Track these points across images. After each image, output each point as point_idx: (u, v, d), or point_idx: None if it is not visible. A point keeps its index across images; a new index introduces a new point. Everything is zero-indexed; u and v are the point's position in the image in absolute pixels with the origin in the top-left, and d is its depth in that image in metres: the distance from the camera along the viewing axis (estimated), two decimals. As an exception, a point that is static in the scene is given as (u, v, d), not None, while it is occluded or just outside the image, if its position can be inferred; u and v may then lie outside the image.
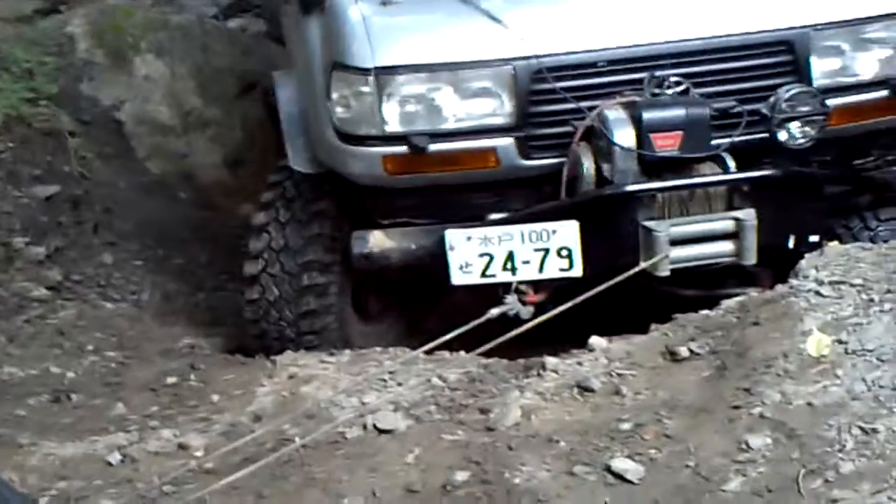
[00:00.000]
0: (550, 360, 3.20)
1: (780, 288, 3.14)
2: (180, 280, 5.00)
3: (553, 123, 3.53)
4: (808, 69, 3.54)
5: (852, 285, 2.97)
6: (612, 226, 3.45)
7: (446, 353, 3.54)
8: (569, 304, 3.21)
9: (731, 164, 3.47)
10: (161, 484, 2.95)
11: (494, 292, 3.48)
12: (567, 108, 3.50)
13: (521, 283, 3.46)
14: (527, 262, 3.43)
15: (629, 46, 3.51)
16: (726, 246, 3.44)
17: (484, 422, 2.99)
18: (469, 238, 3.43)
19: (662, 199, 3.45)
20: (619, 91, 3.49)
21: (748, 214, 3.40)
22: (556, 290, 3.46)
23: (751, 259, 3.42)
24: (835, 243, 3.48)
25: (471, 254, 3.43)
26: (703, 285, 3.75)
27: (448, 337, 3.12)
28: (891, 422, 2.52)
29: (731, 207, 3.46)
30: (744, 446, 2.62)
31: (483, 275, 3.45)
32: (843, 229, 3.76)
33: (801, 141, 3.47)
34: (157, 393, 3.63)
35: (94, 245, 4.91)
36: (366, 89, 3.49)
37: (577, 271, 3.42)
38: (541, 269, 3.43)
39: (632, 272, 3.34)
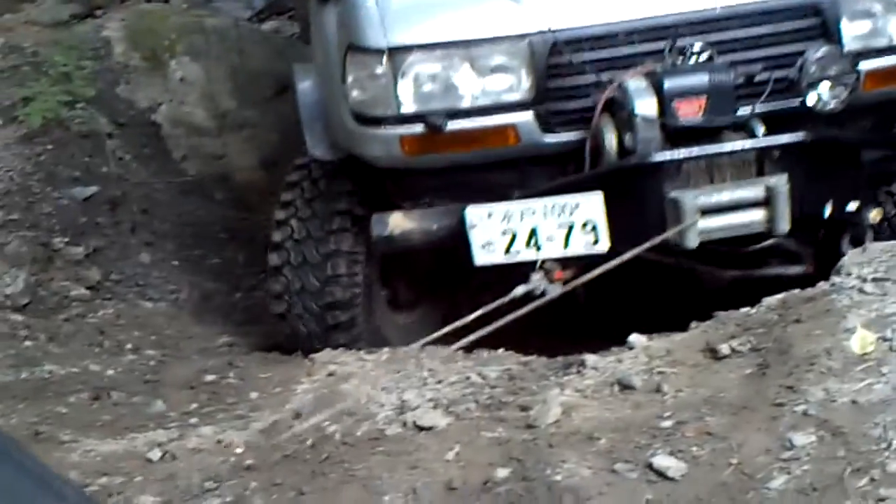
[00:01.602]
0: (590, 358, 3.18)
1: (822, 285, 3.10)
2: (217, 279, 5.03)
3: (573, 97, 3.47)
4: (838, 33, 3.45)
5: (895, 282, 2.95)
6: (637, 198, 3.38)
7: (485, 352, 3.54)
8: (595, 273, 3.17)
9: (761, 130, 3.38)
10: (201, 480, 2.96)
11: (526, 274, 3.42)
12: (587, 82, 3.44)
13: (546, 261, 3.38)
14: (551, 239, 3.36)
15: (649, 17, 3.44)
16: (757, 214, 3.35)
17: (524, 419, 2.97)
18: (490, 215, 3.36)
19: (689, 168, 3.36)
20: (641, 62, 3.41)
21: (779, 180, 3.30)
22: (584, 266, 3.39)
23: (783, 227, 3.34)
24: (877, 211, 3.42)
25: (493, 231, 3.37)
26: (743, 265, 3.70)
27: (472, 317, 3.11)
28: (938, 419, 2.49)
29: (761, 176, 3.36)
30: (787, 444, 2.59)
31: (507, 253, 3.38)
32: (885, 196, 3.70)
33: (833, 104, 3.36)
34: (196, 390, 3.65)
35: (132, 245, 4.96)
36: (380, 70, 3.46)
37: (604, 246, 3.36)
38: (566, 245, 3.36)
39: (658, 239, 3.27)
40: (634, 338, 3.26)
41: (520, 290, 3.27)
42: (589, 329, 3.79)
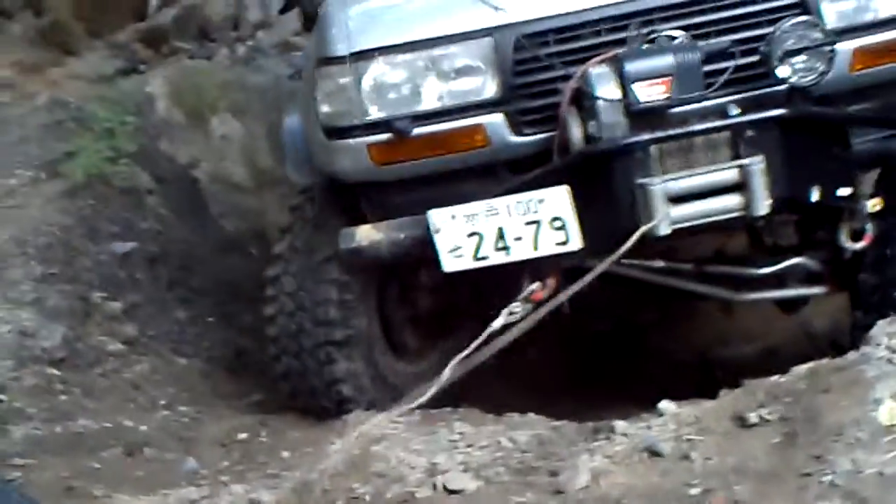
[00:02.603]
0: (620, 424, 3.18)
1: (851, 355, 3.10)
2: (251, 336, 5.07)
3: (542, 94, 3.36)
4: (818, 12, 3.29)
5: (926, 353, 2.95)
6: (605, 188, 3.24)
7: (516, 416, 3.56)
8: (579, 284, 3.08)
9: (735, 112, 3.26)
10: (233, 538, 3.00)
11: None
12: (555, 76, 3.33)
13: (517, 264, 3.26)
14: (519, 239, 3.25)
15: (615, 3, 3.33)
16: (733, 199, 3.21)
17: (553, 484, 2.98)
18: (454, 216, 3.27)
19: (658, 153, 3.23)
20: (609, 52, 3.29)
21: (753, 160, 3.16)
22: (563, 280, 3.30)
23: (761, 209, 3.18)
24: (876, 200, 3.29)
25: (458, 234, 3.27)
26: (762, 287, 3.62)
27: (462, 356, 2.98)
28: (964, 493, 2.49)
29: (737, 159, 3.22)
30: (814, 514, 2.60)
31: (475, 257, 3.27)
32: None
33: (809, 77, 3.20)
34: (228, 448, 3.68)
35: (168, 301, 5.01)
36: (344, 79, 3.40)
37: (576, 243, 3.24)
38: (535, 246, 3.25)
39: (635, 237, 3.14)
40: (664, 404, 3.25)
41: (497, 322, 3.17)
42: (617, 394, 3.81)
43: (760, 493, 2.75)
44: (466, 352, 3.13)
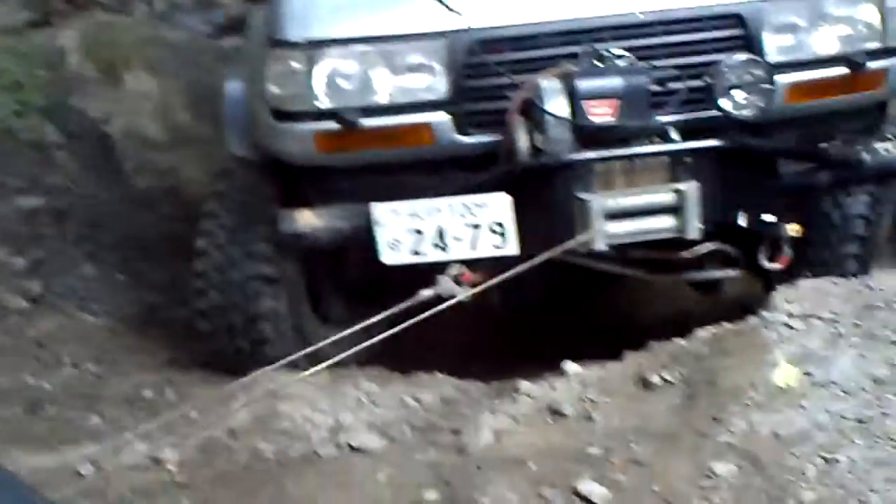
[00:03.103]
0: (524, 384, 3.22)
1: (751, 320, 3.17)
2: (161, 294, 5.01)
3: (490, 98, 3.42)
4: (760, 44, 3.43)
5: (821, 319, 3.02)
6: (546, 199, 3.33)
7: (423, 374, 3.58)
8: (503, 277, 3.13)
9: (676, 136, 3.36)
10: (133, 497, 2.97)
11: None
12: (505, 83, 3.39)
13: (454, 262, 3.34)
14: (458, 239, 3.31)
15: (569, 19, 3.40)
16: (667, 221, 3.32)
17: (456, 443, 3.01)
18: (396, 212, 3.32)
19: (600, 171, 3.32)
20: (560, 65, 3.37)
21: (690, 186, 3.28)
22: (494, 271, 3.34)
23: (692, 232, 3.30)
24: (796, 226, 3.40)
25: (399, 230, 3.32)
26: (679, 269, 3.70)
27: (374, 319, 3.03)
28: (852, 452, 2.57)
29: (674, 182, 3.33)
30: (709, 473, 2.66)
31: (413, 253, 3.33)
32: (813, 212, 3.68)
33: (748, 112, 3.33)
34: (133, 406, 3.64)
35: (75, 257, 4.92)
36: (297, 65, 3.42)
37: (512, 248, 3.31)
38: (473, 247, 3.31)
39: (565, 246, 3.24)
40: (568, 365, 3.29)
41: (426, 293, 3.21)
42: (524, 354, 3.83)
43: (659, 452, 2.81)
44: (384, 314, 3.18)
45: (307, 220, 3.51)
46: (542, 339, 4.62)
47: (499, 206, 3.29)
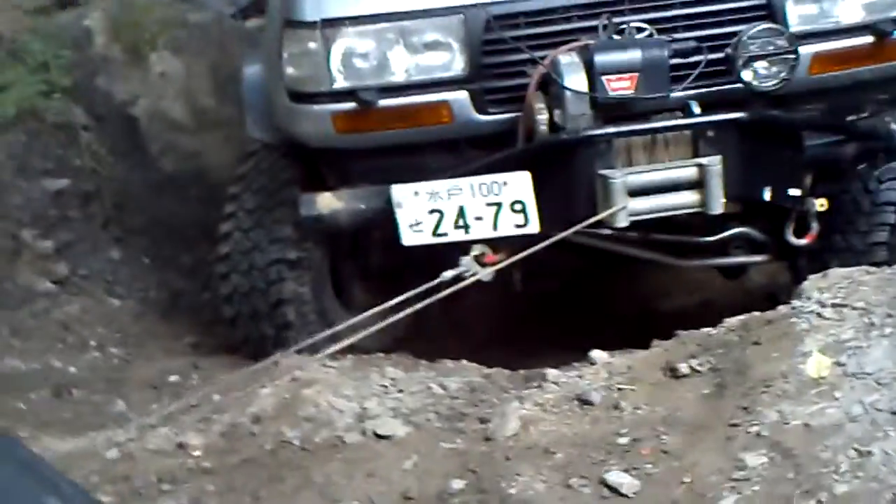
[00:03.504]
0: (551, 372, 3.20)
1: (781, 309, 3.13)
2: (187, 278, 5.01)
3: (509, 75, 3.40)
4: (783, 13, 3.38)
5: (854, 308, 2.96)
6: (566, 176, 3.31)
7: (449, 362, 3.56)
8: (524, 254, 3.11)
9: (698, 110, 3.33)
10: (158, 481, 2.97)
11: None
12: (523, 59, 3.36)
13: (475, 242, 3.33)
14: (479, 219, 3.30)
15: None
16: (690, 196, 3.31)
17: (482, 431, 2.99)
18: (416, 193, 3.31)
19: (621, 146, 3.30)
20: (578, 40, 3.35)
21: (712, 160, 3.26)
22: (515, 250, 3.33)
23: (717, 207, 3.29)
24: (822, 200, 3.38)
25: (420, 210, 3.31)
26: (706, 254, 3.68)
27: (396, 301, 3.01)
28: (886, 445, 2.52)
29: (696, 156, 3.31)
30: (739, 464, 2.62)
31: (434, 233, 3.32)
32: (839, 190, 3.62)
33: (771, 82, 3.30)
34: (158, 391, 3.65)
35: (102, 240, 4.93)
36: (313, 45, 3.40)
37: (534, 227, 3.29)
38: (495, 227, 3.30)
39: (588, 222, 3.22)
40: (596, 354, 3.28)
41: (448, 273, 3.18)
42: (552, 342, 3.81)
43: (688, 442, 2.78)
44: (406, 295, 3.15)
45: (327, 202, 3.51)
46: (568, 328, 4.60)
47: (519, 185, 3.26)
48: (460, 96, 3.41)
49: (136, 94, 6.12)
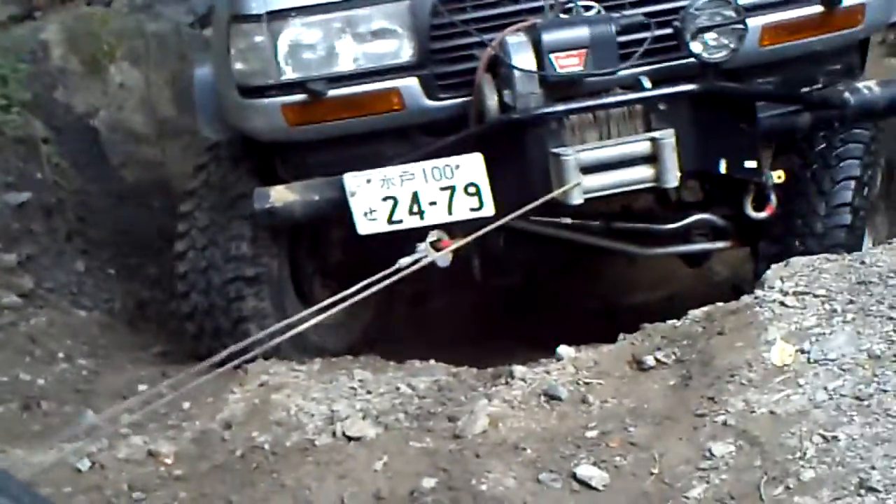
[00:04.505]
0: (518, 369, 3.21)
1: (745, 298, 3.17)
2: (153, 288, 5.00)
3: (458, 59, 3.39)
4: None
5: (816, 296, 3.01)
6: (519, 157, 3.30)
7: (416, 362, 3.57)
8: (475, 235, 3.06)
9: (648, 85, 3.32)
10: (130, 490, 2.97)
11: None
12: (471, 42, 3.35)
13: (431, 228, 3.28)
14: (434, 203, 3.28)
15: None
16: (644, 171, 3.28)
17: (451, 430, 3.01)
18: (369, 181, 3.28)
19: (572, 125, 3.29)
20: (526, 20, 3.33)
21: (665, 133, 3.24)
22: (471, 233, 3.24)
23: (671, 181, 3.26)
24: (779, 172, 3.36)
25: (373, 198, 3.28)
26: (667, 242, 3.70)
27: (353, 290, 2.85)
28: (851, 430, 2.56)
29: (649, 131, 3.29)
30: (707, 454, 2.66)
31: (389, 221, 3.29)
32: (798, 166, 3.62)
33: (721, 53, 3.28)
34: (127, 400, 3.62)
35: (66, 252, 4.90)
36: (260, 38, 3.39)
37: (489, 209, 3.27)
38: (450, 211, 3.27)
39: (541, 201, 3.19)
40: (562, 349, 3.29)
41: (405, 260, 3.08)
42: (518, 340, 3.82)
43: (656, 434, 2.81)
44: (359, 285, 3.04)
45: (281, 195, 3.48)
46: (533, 325, 4.63)
47: (472, 167, 3.25)
48: (410, 83, 3.40)
49: (95, 105, 6.09)
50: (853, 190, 3.66)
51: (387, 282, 2.89)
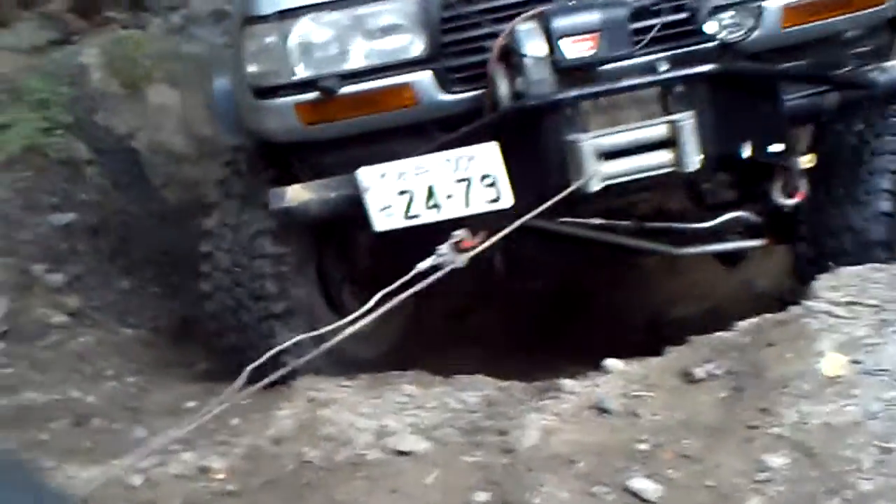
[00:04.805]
0: (567, 382, 3.21)
1: (794, 309, 3.15)
2: (196, 306, 5.02)
3: (470, 52, 3.36)
4: None
5: (866, 305, 2.99)
6: (534, 145, 3.25)
7: (464, 377, 3.58)
8: (501, 235, 3.03)
9: (664, 68, 3.26)
10: (183, 506, 2.99)
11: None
12: (483, 34, 3.33)
13: (450, 223, 3.20)
14: (450, 197, 3.23)
15: None
16: (663, 155, 3.21)
17: (502, 443, 3.01)
18: (383, 175, 3.24)
19: (588, 111, 3.24)
20: (538, 8, 3.27)
21: (683, 116, 3.17)
22: (491, 228, 3.21)
23: (692, 165, 3.19)
24: (809, 157, 3.31)
25: (389, 193, 3.25)
26: (701, 241, 3.67)
27: (374, 301, 2.85)
28: (907, 441, 2.55)
29: (667, 115, 3.22)
30: (762, 466, 2.64)
31: (406, 216, 3.25)
32: (834, 145, 3.54)
33: (738, 33, 3.24)
34: (177, 417, 3.65)
35: (111, 272, 4.95)
36: (271, 38, 3.38)
37: (507, 201, 3.22)
38: (467, 203, 3.23)
39: (564, 193, 3.13)
40: (610, 362, 3.27)
41: (425, 264, 3.01)
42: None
43: (708, 446, 2.79)
44: (382, 292, 2.95)
45: (296, 194, 3.47)
46: (577, 339, 4.63)
47: (487, 157, 3.21)
48: (423, 77, 3.37)
49: (135, 127, 6.16)
50: (890, 181, 3.55)
51: (411, 290, 2.87)
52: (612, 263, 4.71)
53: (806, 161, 3.38)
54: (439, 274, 2.95)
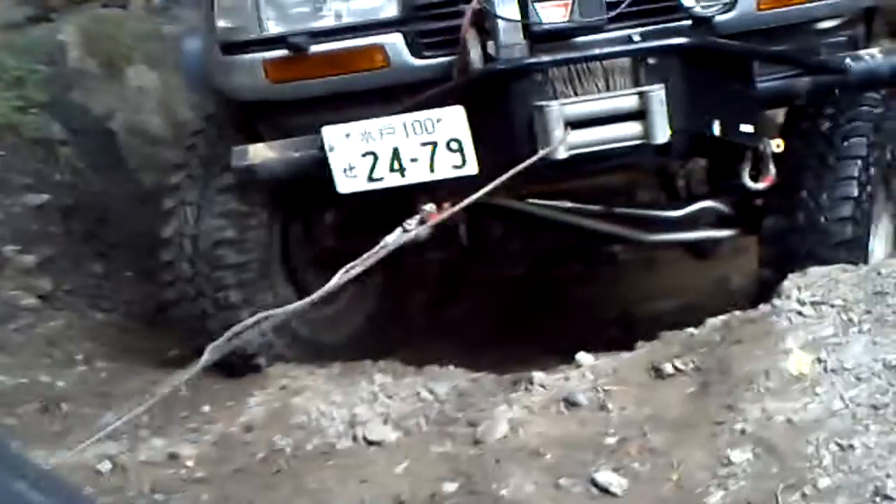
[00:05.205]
0: (538, 375, 3.23)
1: (763, 308, 3.18)
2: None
3: (443, 16, 3.32)
4: None
5: (833, 306, 3.03)
6: (502, 110, 3.18)
7: (436, 367, 3.60)
8: (466, 203, 3.01)
9: (637, 38, 3.24)
10: (151, 492, 3.00)
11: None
12: None
13: (413, 187, 3.18)
14: (415, 160, 3.19)
15: None
16: (632, 127, 3.17)
17: (472, 435, 3.03)
18: (348, 135, 3.20)
19: (558, 79, 3.20)
20: None
21: (654, 88, 3.11)
22: (457, 199, 3.18)
23: (661, 137, 3.14)
24: (779, 141, 3.27)
25: (353, 154, 3.20)
26: (673, 229, 3.68)
27: (348, 267, 2.83)
28: (867, 438, 2.58)
29: (638, 86, 3.18)
30: (725, 461, 2.68)
31: (370, 178, 3.21)
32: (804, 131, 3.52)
33: (713, 8, 3.23)
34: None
35: (84, 254, 4.92)
36: None
37: (472, 167, 3.19)
38: (431, 168, 3.19)
39: (531, 161, 3.09)
40: (581, 356, 3.30)
41: (389, 238, 2.99)
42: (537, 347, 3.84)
43: (674, 441, 2.83)
44: (357, 262, 2.97)
45: (260, 152, 3.43)
46: (550, 333, 4.65)
47: (454, 121, 3.17)
48: (395, 40, 3.33)
49: (113, 108, 6.11)
50: (858, 167, 3.53)
51: (372, 260, 2.83)
52: (583, 252, 4.72)
53: (776, 145, 3.36)
54: (401, 240, 2.92)
